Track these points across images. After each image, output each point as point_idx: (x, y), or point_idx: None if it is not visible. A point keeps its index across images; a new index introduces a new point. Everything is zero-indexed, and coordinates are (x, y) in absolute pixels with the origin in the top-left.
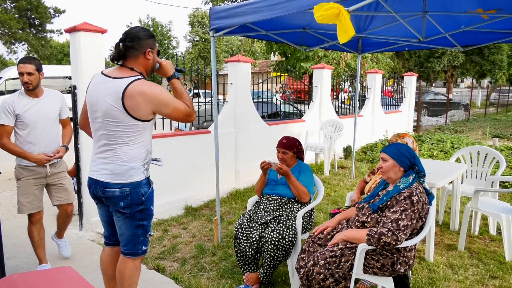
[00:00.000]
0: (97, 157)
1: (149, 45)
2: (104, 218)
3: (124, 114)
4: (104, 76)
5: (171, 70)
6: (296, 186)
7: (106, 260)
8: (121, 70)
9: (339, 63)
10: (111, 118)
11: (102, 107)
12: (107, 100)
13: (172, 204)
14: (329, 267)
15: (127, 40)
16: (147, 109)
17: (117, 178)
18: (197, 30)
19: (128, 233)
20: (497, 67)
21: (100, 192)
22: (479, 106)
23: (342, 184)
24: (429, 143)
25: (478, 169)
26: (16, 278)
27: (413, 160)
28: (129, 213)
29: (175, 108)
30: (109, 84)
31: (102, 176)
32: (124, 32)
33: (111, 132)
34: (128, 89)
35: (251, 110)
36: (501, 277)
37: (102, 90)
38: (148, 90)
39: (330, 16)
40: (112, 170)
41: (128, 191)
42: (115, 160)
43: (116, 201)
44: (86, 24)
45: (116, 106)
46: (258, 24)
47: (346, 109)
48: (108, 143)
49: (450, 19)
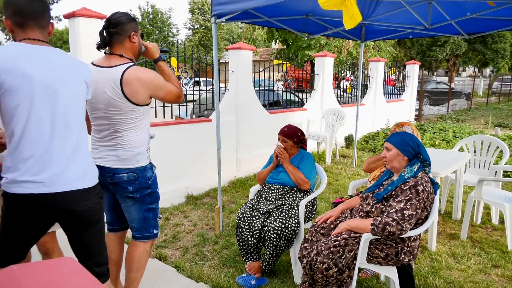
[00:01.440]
0: (100, 145)
1: (132, 28)
2: (106, 205)
3: (125, 101)
4: (96, 66)
5: (156, 52)
6: (293, 173)
7: (110, 245)
8: (111, 58)
9: (341, 51)
10: (113, 107)
11: (103, 98)
12: (106, 91)
13: (173, 193)
14: (333, 256)
15: (110, 27)
16: (145, 93)
17: (125, 163)
18: (198, 18)
19: (139, 218)
20: (500, 56)
21: (107, 178)
22: (481, 95)
23: (344, 173)
24: (431, 132)
25: (481, 159)
26: (16, 270)
27: (417, 149)
28: (138, 197)
29: (168, 91)
30: (104, 74)
31: (109, 163)
32: (106, 19)
33: (115, 120)
34: (125, 76)
35: (253, 98)
36: (503, 266)
37: (99, 81)
38: (144, 75)
39: (336, 2)
40: (120, 156)
41: (135, 175)
42: (122, 146)
43: (125, 186)
44: (86, 10)
45: (117, 95)
46: (260, 10)
47: (347, 98)
48: (114, 131)
49: (456, 5)
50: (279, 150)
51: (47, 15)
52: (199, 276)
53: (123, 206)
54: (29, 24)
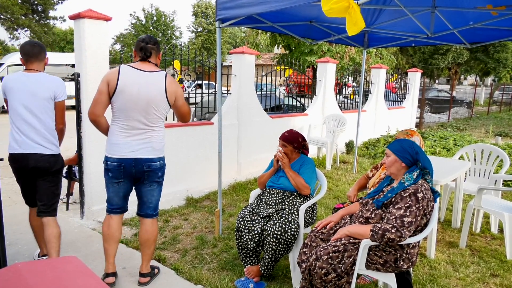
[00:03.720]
0: (132, 139)
1: (158, 48)
2: (121, 194)
3: (165, 101)
4: (136, 69)
5: None
6: (294, 178)
7: (115, 225)
8: (148, 64)
9: (343, 57)
10: (154, 105)
11: (145, 96)
12: (150, 89)
13: (173, 195)
14: (332, 262)
15: (151, 43)
16: (173, 97)
17: (158, 153)
18: (201, 21)
19: (157, 198)
20: (501, 65)
21: (144, 167)
22: (482, 104)
23: (344, 179)
24: (431, 140)
25: (481, 167)
26: (21, 267)
27: (415, 156)
28: (161, 181)
29: (184, 103)
30: (148, 77)
31: (147, 153)
32: (148, 36)
33: (152, 116)
34: (168, 81)
35: (255, 102)
36: (502, 276)
37: (143, 82)
38: (175, 82)
39: (339, 9)
40: (154, 147)
41: (163, 163)
42: (155, 139)
43: (157, 172)
44: (91, 11)
45: (160, 93)
46: (265, 16)
47: (349, 104)
48: (148, 126)
49: (458, 15)
50: (280, 154)
51: (43, 53)
52: (197, 279)
53: (148, 190)
54: (31, 60)
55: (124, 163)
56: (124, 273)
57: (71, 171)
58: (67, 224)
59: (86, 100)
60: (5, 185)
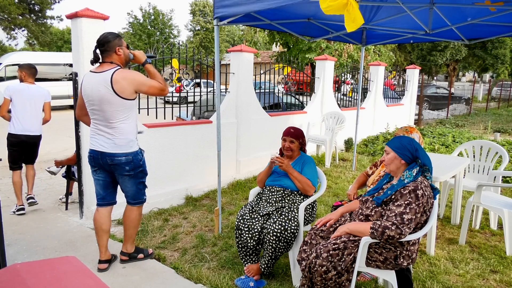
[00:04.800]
0: (99, 134)
1: (117, 44)
2: (100, 183)
3: (115, 96)
4: (92, 73)
5: (143, 58)
6: (299, 180)
7: (102, 218)
8: (103, 65)
9: (342, 54)
10: (106, 102)
11: (97, 96)
12: (99, 89)
13: (172, 194)
14: (332, 259)
15: (99, 47)
16: (130, 89)
17: (121, 149)
18: (199, 19)
19: (133, 189)
20: (499, 61)
21: (108, 161)
22: (480, 100)
23: (343, 177)
24: (430, 136)
25: (480, 164)
26: (20, 268)
27: (415, 153)
28: (133, 174)
29: (150, 85)
30: (97, 77)
31: (109, 149)
32: (97, 40)
33: (109, 113)
34: (114, 77)
35: (253, 100)
36: (501, 272)
37: (94, 83)
38: (128, 75)
39: (338, 7)
40: (116, 143)
41: (131, 158)
42: (118, 135)
43: (123, 166)
44: (88, 10)
45: (108, 92)
46: (263, 13)
47: (347, 101)
48: (108, 123)
49: (457, 11)
50: (278, 160)
51: (37, 72)
52: (197, 278)
53: (120, 181)
54: (29, 76)
55: (93, 154)
56: None
57: (70, 171)
58: (66, 224)
59: None
60: (3, 185)
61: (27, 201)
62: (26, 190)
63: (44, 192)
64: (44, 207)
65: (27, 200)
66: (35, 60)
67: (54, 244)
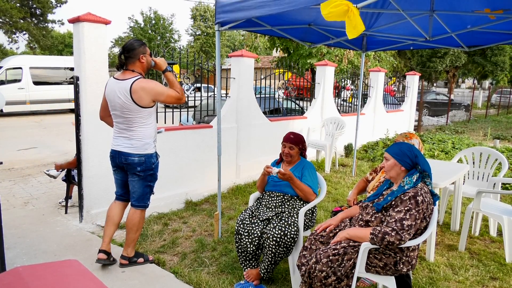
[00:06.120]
0: (119, 136)
1: (141, 52)
2: (119, 182)
3: (133, 105)
4: (115, 79)
5: (164, 65)
6: (301, 189)
7: (116, 209)
8: (125, 73)
9: (342, 60)
10: (126, 109)
11: (118, 103)
12: (120, 97)
13: (172, 198)
14: (332, 265)
15: (124, 53)
16: (148, 98)
17: (136, 150)
18: (199, 24)
19: (140, 191)
20: (499, 68)
21: (123, 159)
22: (480, 107)
23: (343, 182)
24: (430, 143)
25: (480, 170)
26: (22, 271)
27: (415, 160)
28: (143, 175)
29: (168, 95)
30: (119, 85)
31: (125, 149)
32: (122, 47)
33: (128, 119)
34: (133, 87)
35: (253, 105)
36: (501, 279)
37: (115, 90)
38: (147, 85)
39: (339, 13)
40: (133, 144)
41: (143, 159)
42: (135, 137)
43: (135, 166)
44: (90, 15)
45: (127, 100)
46: (263, 19)
47: (347, 107)
48: (128, 126)
49: (457, 18)
50: (280, 175)
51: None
52: (197, 282)
53: (130, 180)
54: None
55: (113, 154)
56: None
57: (70, 175)
58: (65, 228)
59: (86, 103)
60: (2, 189)
61: None
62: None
63: (43, 195)
64: (44, 210)
65: None
66: (35, 63)
67: (53, 248)
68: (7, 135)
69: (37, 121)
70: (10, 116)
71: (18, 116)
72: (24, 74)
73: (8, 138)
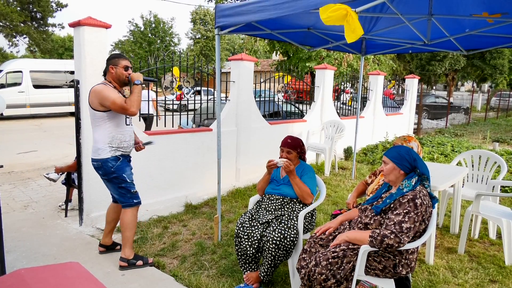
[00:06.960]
0: None
1: (112, 63)
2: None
3: (89, 107)
4: None
5: (135, 78)
6: (300, 187)
7: (109, 209)
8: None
9: (341, 63)
10: (89, 112)
11: None
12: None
13: (172, 201)
14: (331, 267)
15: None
16: (96, 101)
17: (93, 154)
18: (199, 28)
19: (116, 193)
20: (498, 71)
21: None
22: (479, 110)
23: (343, 185)
24: (429, 146)
25: (479, 173)
26: (24, 273)
27: (413, 163)
28: (107, 179)
29: (113, 102)
30: None
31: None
32: None
33: (92, 121)
34: (90, 90)
35: (253, 108)
36: (500, 281)
37: None
38: (98, 88)
39: (338, 17)
40: (92, 149)
41: (100, 164)
42: (94, 141)
43: (96, 171)
44: (91, 19)
45: (88, 103)
46: (263, 23)
47: (347, 110)
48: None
49: (455, 22)
50: (286, 163)
51: None
52: (197, 285)
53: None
54: None
55: None
56: None
57: (70, 178)
58: (65, 231)
59: (86, 107)
60: (2, 192)
61: None
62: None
63: (43, 199)
64: (44, 214)
65: None
66: (36, 67)
67: (53, 251)
68: (7, 138)
69: (37, 124)
70: (10, 119)
71: (18, 120)
72: (24, 78)
73: (8, 142)
